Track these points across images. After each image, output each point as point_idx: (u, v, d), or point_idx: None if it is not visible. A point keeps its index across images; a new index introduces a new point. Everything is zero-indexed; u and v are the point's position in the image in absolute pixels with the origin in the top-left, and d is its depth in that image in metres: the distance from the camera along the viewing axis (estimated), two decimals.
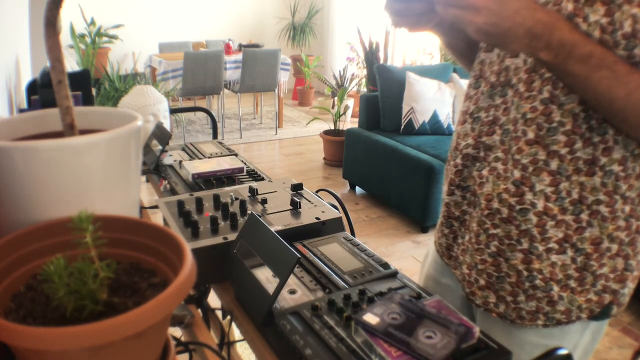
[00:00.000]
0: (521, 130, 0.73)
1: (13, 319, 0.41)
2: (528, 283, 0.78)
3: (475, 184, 0.80)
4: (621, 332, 2.20)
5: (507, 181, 0.75)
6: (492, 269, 0.80)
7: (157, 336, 0.44)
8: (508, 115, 0.75)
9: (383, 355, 0.57)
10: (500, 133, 0.76)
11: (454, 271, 0.90)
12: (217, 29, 6.87)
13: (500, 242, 0.78)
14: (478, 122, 0.79)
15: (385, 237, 3.13)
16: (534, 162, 0.73)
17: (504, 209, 0.76)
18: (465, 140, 0.81)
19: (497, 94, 0.76)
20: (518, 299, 0.79)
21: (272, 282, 0.71)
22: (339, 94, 4.42)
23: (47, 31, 0.51)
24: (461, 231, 0.86)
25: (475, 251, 0.82)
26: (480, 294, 0.83)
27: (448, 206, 0.87)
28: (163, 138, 1.27)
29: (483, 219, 0.79)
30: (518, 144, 0.73)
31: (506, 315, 0.82)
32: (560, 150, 0.71)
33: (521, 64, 0.72)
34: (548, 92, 0.70)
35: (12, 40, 1.54)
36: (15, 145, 0.48)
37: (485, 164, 0.78)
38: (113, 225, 0.50)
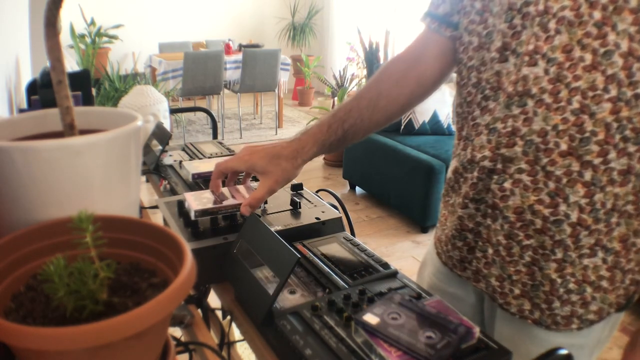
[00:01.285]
0: (553, 142, 0.71)
1: (13, 319, 0.41)
2: (562, 289, 0.78)
3: (495, 197, 0.78)
4: (621, 332, 2.20)
5: (540, 192, 0.74)
6: (526, 278, 0.80)
7: (157, 336, 0.44)
8: (530, 126, 0.72)
9: (383, 355, 0.57)
10: (522, 144, 0.73)
11: (474, 284, 0.88)
12: (217, 29, 6.88)
13: (535, 252, 0.78)
14: (495, 133, 0.76)
15: (385, 237, 3.13)
16: (567, 173, 0.71)
17: (537, 220, 0.75)
18: (482, 153, 0.78)
19: (515, 104, 0.73)
20: (553, 306, 0.80)
21: (272, 282, 0.71)
22: (339, 94, 4.43)
23: (47, 31, 0.51)
24: (479, 244, 0.84)
25: (508, 263, 0.81)
26: (515, 302, 0.83)
27: (461, 219, 0.85)
28: (163, 138, 1.27)
29: (515, 231, 0.78)
30: (551, 156, 0.72)
31: (542, 322, 0.82)
32: (593, 161, 0.70)
33: (542, 73, 0.70)
34: (578, 102, 0.68)
35: (12, 40, 1.54)
36: (15, 145, 0.48)
37: (506, 177, 0.76)
38: (113, 225, 0.50)
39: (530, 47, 0.70)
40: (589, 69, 0.66)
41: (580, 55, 0.67)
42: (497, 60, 0.76)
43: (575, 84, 0.68)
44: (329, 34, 7.06)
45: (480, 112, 0.80)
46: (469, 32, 0.81)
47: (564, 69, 0.68)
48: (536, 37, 0.70)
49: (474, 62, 0.81)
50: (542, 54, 0.69)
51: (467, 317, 0.88)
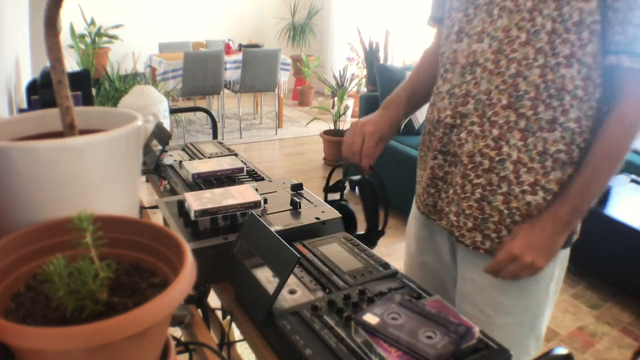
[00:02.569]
0: (496, 98, 0.91)
1: (13, 319, 0.41)
2: (509, 219, 0.94)
3: (455, 146, 0.97)
4: (621, 332, 2.20)
5: (487, 139, 0.93)
6: (477, 212, 0.96)
7: (157, 336, 0.44)
8: (479, 88, 0.93)
9: (383, 355, 0.57)
10: (473, 102, 0.94)
11: (439, 222, 1.05)
12: (217, 29, 6.87)
13: (483, 189, 0.95)
14: (453, 97, 0.97)
15: (385, 237, 3.13)
16: (507, 122, 0.91)
17: (485, 161, 0.93)
18: (445, 113, 0.99)
19: (467, 72, 0.94)
20: (501, 235, 0.95)
21: (272, 282, 0.71)
22: (339, 94, 4.42)
23: (47, 31, 0.51)
24: (443, 188, 1.03)
25: (462, 200, 0.98)
26: (468, 235, 0.98)
27: (433, 169, 1.04)
28: (163, 138, 1.27)
29: (467, 172, 0.96)
30: (494, 109, 0.91)
31: (492, 250, 0.96)
32: (526, 113, 0.90)
33: (486, 47, 0.91)
34: (514, 69, 0.89)
35: (12, 40, 1.54)
36: (15, 145, 0.48)
37: (462, 129, 0.96)
38: (113, 225, 0.50)
39: (479, 28, 0.92)
40: (524, 44, 0.87)
41: (516, 34, 0.88)
42: (454, 41, 0.98)
43: (512, 55, 0.89)
44: (329, 34, 7.06)
45: (442, 82, 1.02)
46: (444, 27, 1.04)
47: (504, 44, 0.89)
48: (483, 21, 0.91)
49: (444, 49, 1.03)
50: (487, 33, 0.91)
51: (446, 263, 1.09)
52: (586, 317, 2.32)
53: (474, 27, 0.93)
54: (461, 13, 0.95)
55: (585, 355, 2.06)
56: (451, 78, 0.98)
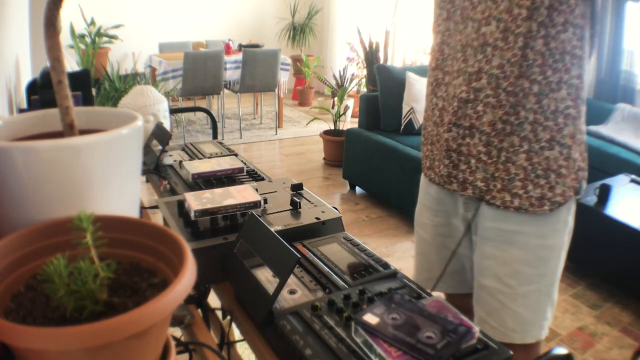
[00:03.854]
0: (509, 71, 1.01)
1: (13, 319, 0.41)
2: (533, 174, 1.05)
3: (471, 119, 1.07)
4: (621, 332, 2.20)
5: (505, 107, 1.03)
6: (504, 174, 1.07)
7: (157, 336, 0.44)
8: (491, 64, 1.03)
9: (383, 355, 0.57)
10: (486, 77, 1.04)
11: (462, 193, 1.13)
12: (217, 29, 6.87)
13: (507, 151, 1.05)
14: (466, 74, 1.06)
15: (385, 237, 3.13)
16: (522, 90, 1.02)
17: (507, 126, 1.04)
18: (460, 89, 1.08)
19: (478, 52, 1.04)
20: (528, 189, 1.06)
21: (272, 282, 0.71)
22: (339, 94, 4.42)
23: (47, 31, 0.51)
24: (462, 160, 1.11)
25: (489, 165, 1.07)
26: (499, 196, 1.08)
27: (447, 141, 1.12)
28: (163, 138, 1.27)
29: (491, 139, 1.06)
30: (509, 80, 1.02)
31: (521, 206, 1.07)
32: (537, 78, 1.01)
33: (494, 29, 1.01)
34: (522, 41, 0.99)
35: (12, 40, 1.54)
36: (15, 145, 0.48)
37: (477, 103, 1.05)
38: (113, 225, 0.50)
39: (486, 13, 1.02)
40: (526, 19, 0.97)
41: (518, 12, 0.98)
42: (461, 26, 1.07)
43: (517, 30, 0.99)
44: (329, 34, 7.06)
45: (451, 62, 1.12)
46: (440, 8, 1.14)
47: (508, 22, 0.99)
48: (489, 7, 1.02)
49: (441, 28, 1.14)
50: (493, 17, 1.01)
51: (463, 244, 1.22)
52: (586, 317, 2.32)
53: (478, 12, 1.03)
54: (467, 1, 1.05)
55: (585, 355, 2.06)
56: (463, 58, 1.08)
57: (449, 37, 1.12)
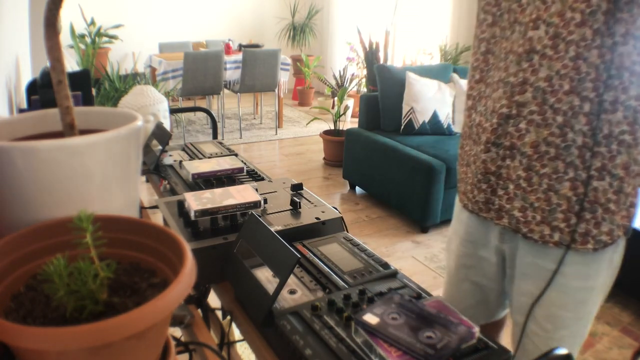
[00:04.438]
0: (558, 84, 0.89)
1: (13, 319, 0.41)
2: (577, 206, 0.93)
3: (512, 138, 0.95)
4: (621, 332, 2.20)
5: (551, 127, 0.91)
6: (544, 204, 0.95)
7: (157, 336, 0.44)
8: (537, 75, 0.90)
9: (383, 355, 0.57)
10: (532, 90, 0.91)
11: (497, 222, 1.02)
12: (217, 29, 6.87)
13: (549, 178, 0.93)
14: (508, 86, 0.94)
15: (385, 237, 3.13)
16: (571, 108, 0.89)
17: (551, 149, 0.92)
18: (500, 102, 0.96)
19: (523, 60, 0.92)
20: (571, 222, 0.94)
21: (272, 282, 0.71)
22: (339, 94, 4.42)
23: (47, 31, 0.51)
24: (500, 184, 0.99)
25: (528, 193, 0.96)
26: (537, 229, 0.96)
27: (485, 163, 1.00)
28: (163, 138, 1.27)
29: (533, 163, 0.94)
30: (557, 96, 0.89)
31: (561, 241, 0.95)
32: (589, 95, 0.88)
33: (543, 34, 0.89)
34: (574, 51, 0.87)
35: (12, 40, 1.54)
36: (15, 145, 0.48)
37: (520, 119, 0.93)
38: (113, 225, 0.50)
39: (533, 15, 0.90)
40: (579, 25, 0.85)
41: (571, 16, 0.86)
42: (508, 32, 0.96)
43: (569, 37, 0.87)
44: (329, 34, 7.06)
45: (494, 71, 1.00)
46: (485, 12, 1.02)
47: (559, 27, 0.87)
48: (538, 9, 0.90)
49: (485, 34, 1.02)
50: (542, 20, 0.89)
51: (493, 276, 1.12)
52: None
53: (526, 15, 0.91)
54: (515, 4, 0.94)
55: (585, 355, 2.06)
56: (505, 66, 0.96)
57: (495, 44, 1.00)
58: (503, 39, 0.97)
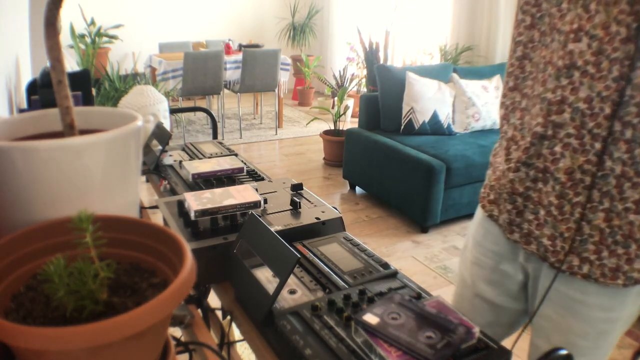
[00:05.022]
0: (598, 107, 0.80)
1: (13, 319, 0.41)
2: (610, 239, 0.85)
3: (546, 161, 0.87)
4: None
5: (588, 153, 0.83)
6: (576, 234, 0.87)
7: (157, 336, 0.44)
8: (577, 95, 0.82)
9: (383, 355, 0.57)
10: (570, 111, 0.83)
11: (525, 247, 0.95)
12: (217, 29, 6.88)
13: (583, 207, 0.86)
14: (545, 102, 0.86)
15: (385, 237, 3.13)
16: (611, 134, 0.80)
17: (587, 178, 0.84)
18: (536, 120, 0.87)
19: (563, 76, 0.83)
20: (602, 255, 0.87)
21: (272, 282, 0.71)
22: (339, 94, 4.42)
23: (47, 31, 0.51)
24: (529, 207, 0.92)
25: (559, 222, 0.88)
26: (565, 260, 0.90)
27: (513, 182, 0.93)
28: (163, 138, 1.27)
29: (566, 191, 0.86)
30: (597, 120, 0.81)
31: (590, 274, 0.88)
32: (632, 120, 0.79)
33: (585, 48, 0.80)
34: (617, 70, 0.78)
35: (12, 40, 1.54)
36: (15, 145, 0.48)
37: (556, 141, 0.86)
38: (113, 225, 0.50)
39: (575, 25, 0.81)
40: (624, 41, 0.76)
41: (616, 30, 0.76)
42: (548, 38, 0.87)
43: (614, 55, 0.77)
44: (329, 34, 7.06)
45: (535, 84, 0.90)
46: (523, 12, 0.92)
47: (604, 42, 0.78)
48: (579, 17, 0.80)
49: (522, 37, 0.93)
50: (585, 31, 0.80)
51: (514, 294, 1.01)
52: None
53: (566, 23, 0.82)
54: (554, 7, 0.85)
55: None
56: (543, 80, 0.87)
57: (532, 50, 0.91)
58: (543, 45, 0.88)
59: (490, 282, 1.05)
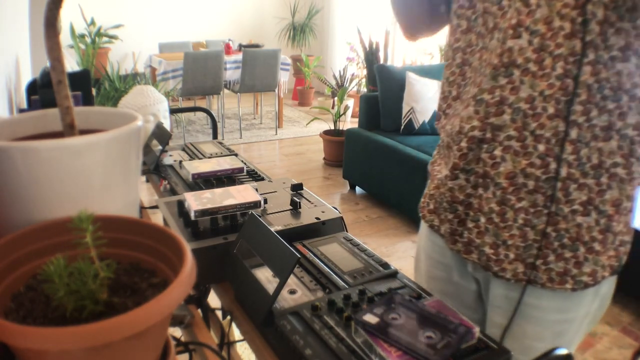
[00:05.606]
0: (541, 107, 0.76)
1: (13, 319, 0.41)
2: (556, 243, 0.81)
3: (486, 165, 0.82)
4: (621, 332, 2.20)
5: (531, 156, 0.78)
6: (519, 240, 0.83)
7: (157, 336, 0.44)
8: (518, 94, 0.77)
9: (383, 355, 0.57)
10: (510, 112, 0.78)
11: (465, 256, 0.90)
12: (217, 29, 6.88)
13: (526, 212, 0.81)
14: (482, 104, 0.81)
15: (385, 237, 3.13)
16: (555, 134, 0.76)
17: (530, 181, 0.79)
18: (470, 123, 0.82)
19: (501, 75, 0.78)
20: (548, 260, 0.83)
21: (272, 282, 0.71)
22: (339, 94, 4.42)
23: (47, 31, 0.51)
24: (470, 215, 0.87)
25: (502, 229, 0.84)
26: (510, 267, 0.85)
27: (452, 191, 0.88)
28: (163, 138, 1.27)
29: (507, 196, 0.81)
30: (539, 120, 0.76)
31: (537, 279, 0.84)
32: (578, 120, 0.75)
33: (526, 44, 0.75)
34: (562, 68, 0.74)
35: (12, 40, 1.54)
36: (15, 145, 0.48)
37: (495, 145, 0.80)
38: (113, 225, 0.50)
39: (514, 21, 0.76)
40: (569, 37, 0.72)
41: (559, 25, 0.72)
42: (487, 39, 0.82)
43: (557, 51, 0.73)
44: (329, 34, 7.06)
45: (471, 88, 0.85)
46: (458, 16, 0.88)
47: (546, 38, 0.73)
48: (518, 12, 0.75)
49: (460, 43, 0.88)
50: (525, 27, 0.75)
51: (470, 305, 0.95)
52: None
53: (507, 20, 0.77)
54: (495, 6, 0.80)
55: (585, 355, 2.06)
56: (478, 81, 0.82)
57: (471, 54, 0.86)
58: (483, 48, 0.83)
59: (447, 295, 1.01)
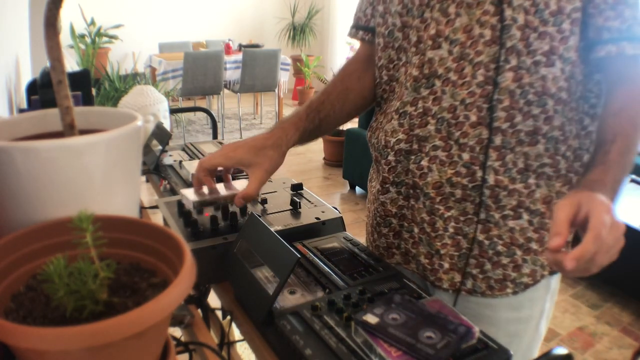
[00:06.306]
0: (463, 116, 0.76)
1: (13, 319, 0.41)
2: (491, 251, 0.81)
3: (414, 176, 0.82)
4: (621, 332, 2.20)
5: (456, 165, 0.78)
6: (452, 249, 0.82)
7: (157, 336, 0.44)
8: (440, 104, 0.77)
9: (383, 355, 0.57)
10: (434, 123, 0.78)
11: (405, 266, 0.90)
12: (217, 29, 6.88)
13: (457, 221, 0.81)
14: (406, 117, 0.81)
15: None
16: (479, 142, 0.76)
17: (457, 190, 0.79)
18: (395, 137, 0.83)
19: (422, 87, 0.78)
20: (485, 268, 0.82)
21: (272, 282, 0.71)
22: None
23: (47, 31, 0.51)
24: (404, 226, 0.87)
25: (434, 239, 0.83)
26: (445, 277, 0.84)
27: (384, 205, 0.88)
28: (163, 138, 1.27)
29: (436, 206, 0.81)
30: (462, 129, 0.76)
31: (476, 289, 0.83)
32: (501, 126, 0.75)
33: (446, 54, 0.75)
34: (482, 75, 0.74)
35: (12, 40, 1.54)
36: (15, 145, 0.48)
37: (422, 156, 0.80)
38: (113, 225, 0.50)
39: (432, 32, 0.75)
40: (489, 44, 0.72)
41: (479, 32, 0.72)
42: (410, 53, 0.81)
43: (477, 58, 0.73)
44: (329, 34, 7.06)
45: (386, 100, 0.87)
46: (376, 35, 0.88)
47: (466, 47, 0.73)
48: (437, 22, 0.75)
49: (382, 61, 0.87)
50: (444, 37, 0.75)
51: None
52: (586, 317, 2.32)
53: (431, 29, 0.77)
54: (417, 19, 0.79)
55: (585, 355, 2.06)
56: (400, 94, 0.82)
57: (395, 69, 0.86)
58: (407, 62, 0.82)
59: None
